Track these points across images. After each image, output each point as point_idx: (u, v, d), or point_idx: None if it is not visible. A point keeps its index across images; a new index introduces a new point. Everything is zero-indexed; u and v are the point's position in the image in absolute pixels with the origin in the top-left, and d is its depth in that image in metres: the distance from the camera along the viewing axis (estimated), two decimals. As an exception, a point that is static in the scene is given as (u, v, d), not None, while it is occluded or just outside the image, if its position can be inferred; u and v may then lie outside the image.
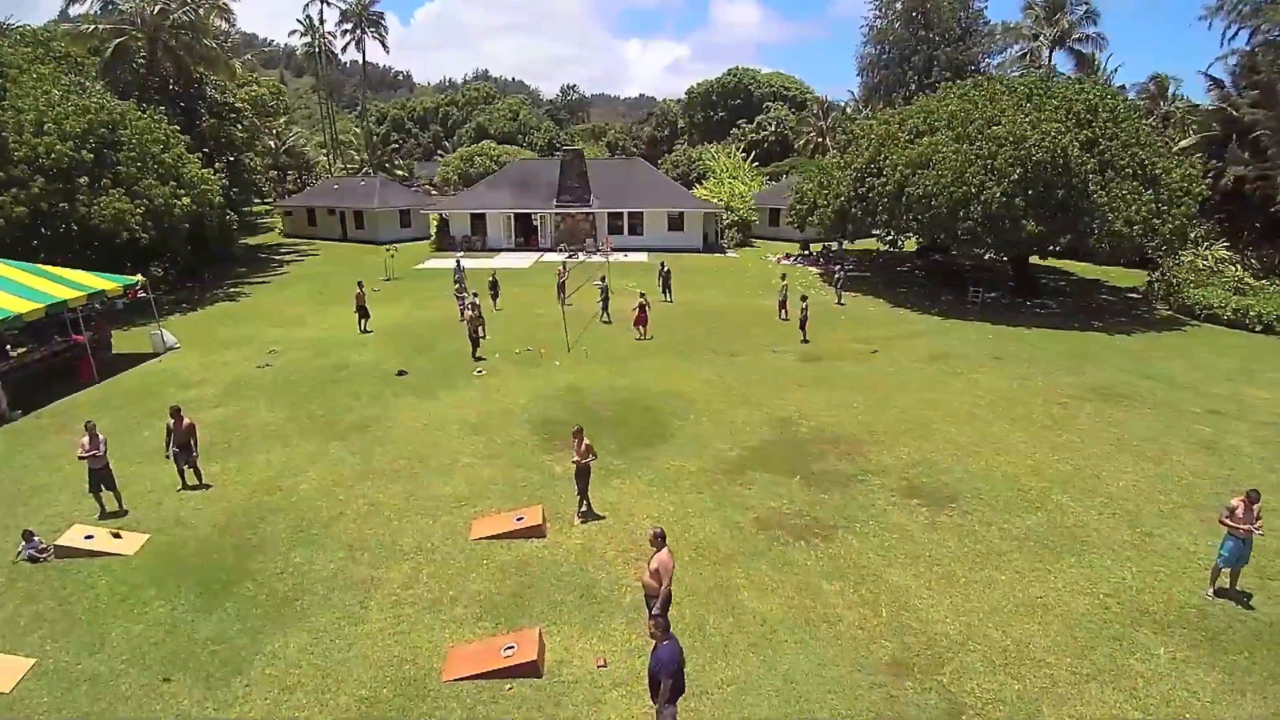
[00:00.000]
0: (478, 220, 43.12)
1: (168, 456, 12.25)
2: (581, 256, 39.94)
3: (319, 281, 33.00)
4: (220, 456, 13.67)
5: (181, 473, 12.35)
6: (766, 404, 16.64)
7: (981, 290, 28.77)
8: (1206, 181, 26.26)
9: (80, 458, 11.11)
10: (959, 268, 37.60)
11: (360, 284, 24.77)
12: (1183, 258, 27.73)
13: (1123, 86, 39.86)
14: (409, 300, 28.56)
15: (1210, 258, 27.88)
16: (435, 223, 45.86)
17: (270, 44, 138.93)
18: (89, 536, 10.50)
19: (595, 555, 10.46)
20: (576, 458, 11.02)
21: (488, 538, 10.82)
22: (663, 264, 29.88)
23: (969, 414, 16.10)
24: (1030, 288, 30.48)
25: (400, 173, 77.71)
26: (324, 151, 79.16)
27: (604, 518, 11.50)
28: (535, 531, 10.86)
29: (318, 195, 52.20)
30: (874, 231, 33.56)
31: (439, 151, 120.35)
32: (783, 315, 25.05)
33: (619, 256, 39.45)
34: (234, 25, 42.29)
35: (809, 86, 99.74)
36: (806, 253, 42.05)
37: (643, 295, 22.78)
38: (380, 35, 75.51)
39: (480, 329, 20.57)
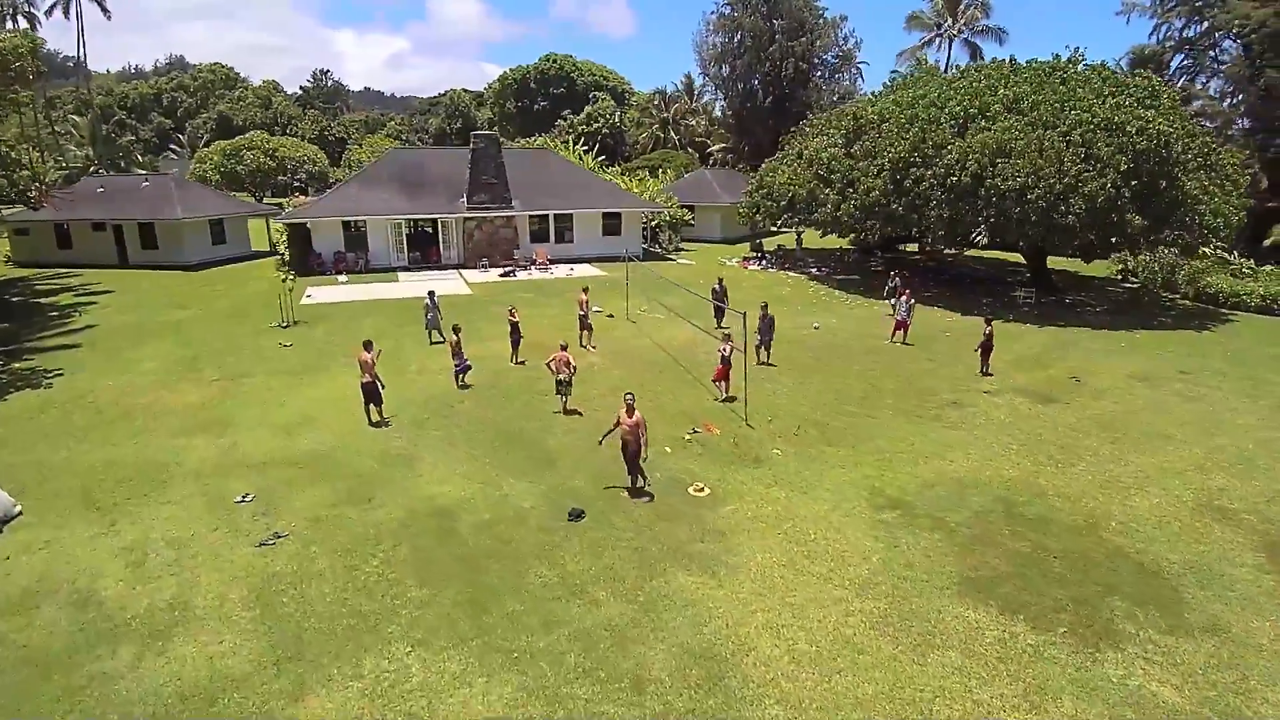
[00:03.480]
0: (354, 231, 32.41)
1: None
2: (521, 274, 31.79)
3: (176, 337, 21.29)
4: None
5: None
6: (1168, 483, 11.89)
7: (1036, 291, 27.04)
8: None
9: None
10: (947, 267, 36.49)
11: (457, 328, 16.90)
12: (1204, 248, 28.42)
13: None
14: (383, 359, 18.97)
15: (1212, 247, 28.97)
16: (280, 237, 33.82)
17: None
18: None
19: None
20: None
21: None
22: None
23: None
24: (1050, 285, 29.59)
25: (142, 171, 59.76)
26: (26, 147, 57.90)
27: None
28: None
29: (75, 204, 36.07)
30: (861, 228, 30.42)
31: (171, 146, 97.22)
32: (897, 337, 20.76)
33: (562, 272, 32.10)
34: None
35: (624, 78, 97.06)
36: (759, 254, 38.13)
37: (725, 344, 16.07)
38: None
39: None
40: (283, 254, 32.55)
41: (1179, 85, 34.55)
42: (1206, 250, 29.11)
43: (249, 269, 33.81)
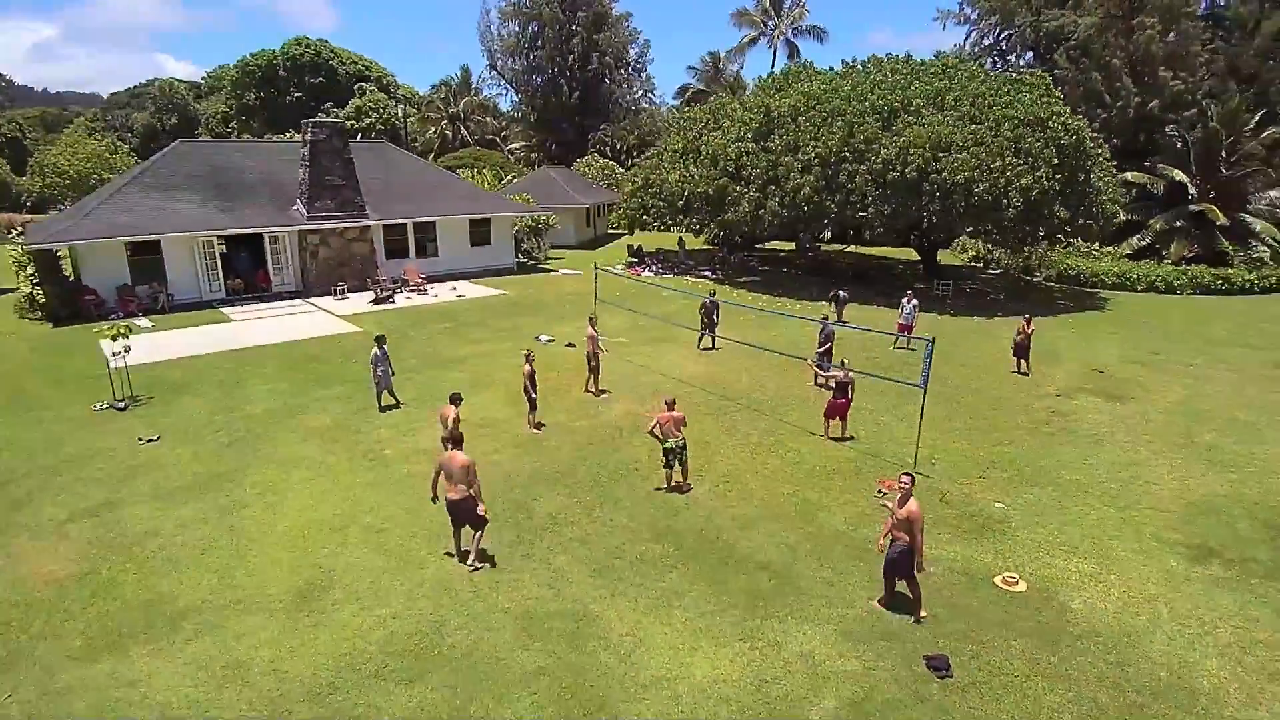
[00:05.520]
0: (144, 255, 23.50)
1: None
2: (401, 299, 25.72)
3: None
4: None
5: None
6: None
7: (951, 283, 28.13)
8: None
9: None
10: (829, 261, 37.03)
11: (457, 398, 11.39)
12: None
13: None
14: (337, 445, 12.91)
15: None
16: (23, 266, 23.48)
17: None
18: None
19: None
20: None
21: None
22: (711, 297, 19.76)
23: None
24: (940, 275, 31.23)
25: None
26: None
27: None
28: None
29: None
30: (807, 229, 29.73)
31: None
32: (1021, 369, 17.80)
33: (445, 292, 26.85)
34: None
35: (386, 69, 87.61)
36: (639, 259, 35.64)
37: (840, 370, 13.79)
38: None
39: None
40: (34, 293, 22.43)
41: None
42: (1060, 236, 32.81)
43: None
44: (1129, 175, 30.84)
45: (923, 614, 8.12)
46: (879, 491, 11.19)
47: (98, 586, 8.76)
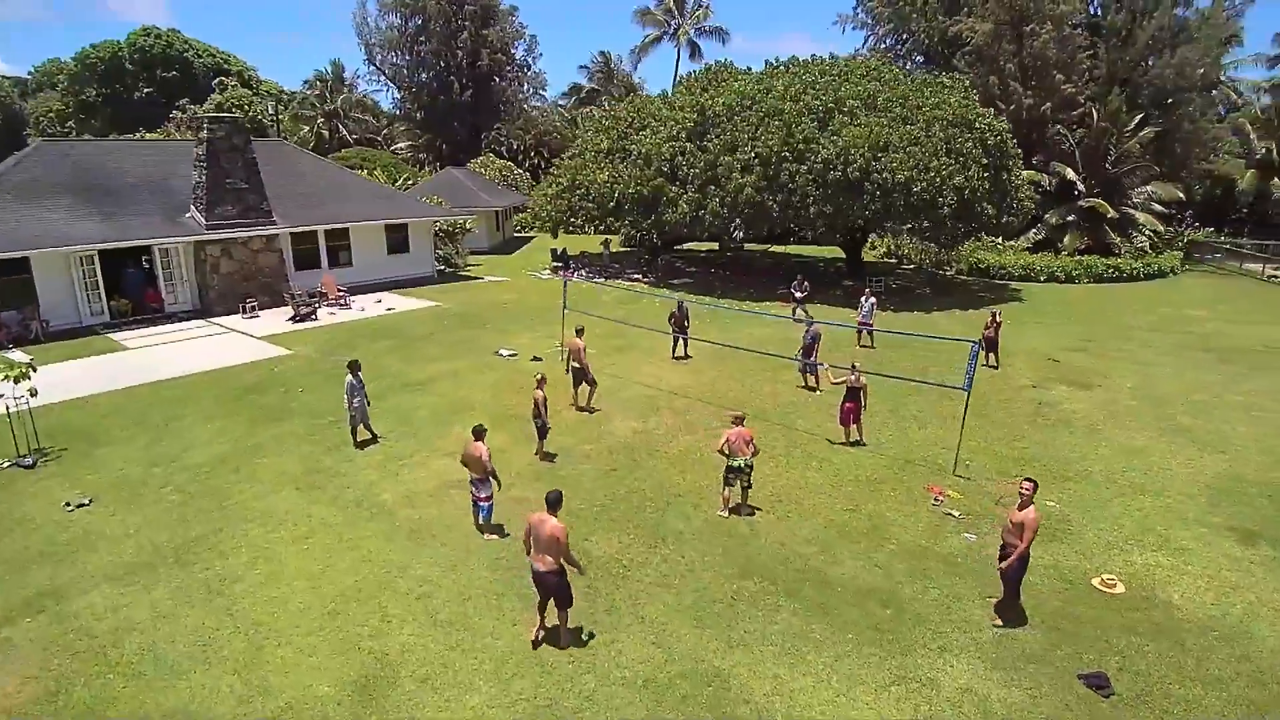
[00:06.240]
0: (9, 276, 19.71)
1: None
2: (324, 315, 23.29)
3: None
4: None
5: None
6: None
7: (884, 280, 29.03)
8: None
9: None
10: (751, 260, 37.27)
11: (481, 430, 9.68)
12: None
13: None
14: (309, 491, 11.07)
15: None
16: None
17: None
18: None
19: None
20: None
21: None
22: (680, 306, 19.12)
23: None
24: (862, 272, 32.22)
25: None
26: None
27: None
28: None
29: None
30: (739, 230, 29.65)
31: None
32: (990, 361, 18.20)
33: (370, 306, 24.76)
34: None
35: (246, 62, 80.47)
36: (564, 263, 34.47)
37: (853, 373, 13.65)
38: None
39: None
40: None
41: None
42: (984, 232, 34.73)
43: None
44: (1026, 173, 33.16)
45: (998, 621, 7.91)
46: (935, 500, 10.93)
47: (78, 711, 6.83)
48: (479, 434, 9.76)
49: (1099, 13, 34.43)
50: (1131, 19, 32.93)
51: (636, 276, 33.12)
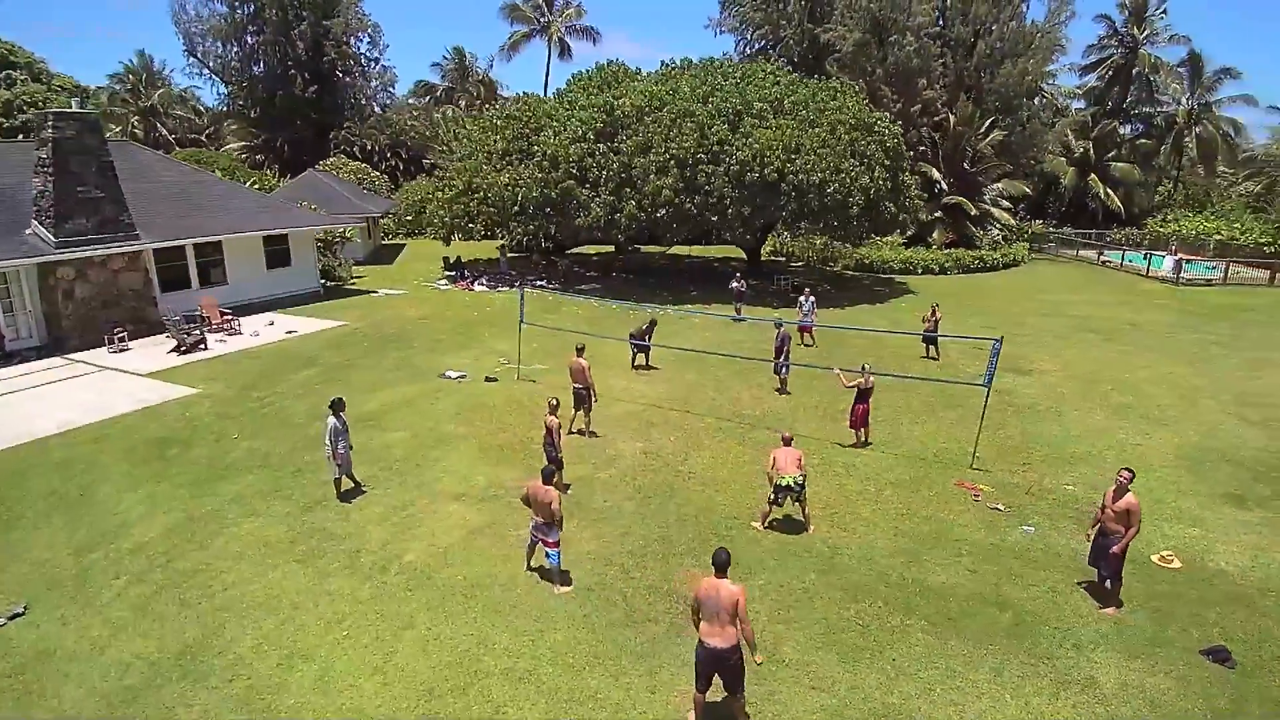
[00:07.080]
0: None
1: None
2: (214, 343, 20.24)
3: None
4: None
5: None
6: None
7: (789, 278, 30.11)
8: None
9: None
10: (647, 262, 37.09)
11: (555, 468, 8.77)
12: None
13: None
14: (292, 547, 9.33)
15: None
16: None
17: None
18: None
19: None
20: None
21: None
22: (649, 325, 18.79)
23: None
24: (759, 271, 33.33)
25: None
26: None
27: None
28: None
29: None
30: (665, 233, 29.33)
31: None
32: (931, 354, 19.93)
33: (264, 330, 22.08)
34: None
35: (33, 54, 68.42)
36: (460, 271, 32.56)
37: (863, 376, 13.96)
38: None
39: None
40: None
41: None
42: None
43: None
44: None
45: (1109, 610, 8.29)
46: (975, 496, 11.29)
47: None
48: (548, 477, 8.70)
49: (941, 24, 37.84)
50: (974, 31, 36.58)
51: (541, 283, 31.91)
